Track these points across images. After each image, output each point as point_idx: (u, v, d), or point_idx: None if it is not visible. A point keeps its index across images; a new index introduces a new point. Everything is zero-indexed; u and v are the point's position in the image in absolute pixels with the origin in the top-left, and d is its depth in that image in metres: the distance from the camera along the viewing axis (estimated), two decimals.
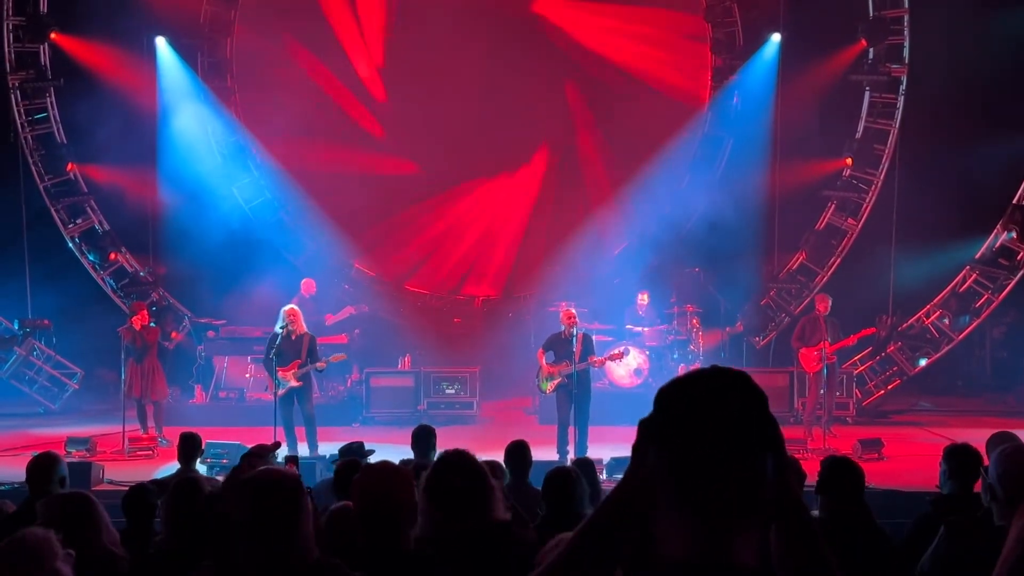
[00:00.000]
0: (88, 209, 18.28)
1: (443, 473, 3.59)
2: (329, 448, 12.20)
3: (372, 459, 7.78)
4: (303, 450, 12.44)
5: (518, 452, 7.25)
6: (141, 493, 5.69)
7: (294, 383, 12.69)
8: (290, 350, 12.74)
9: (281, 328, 12.71)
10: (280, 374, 12.67)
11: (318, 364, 12.80)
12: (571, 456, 11.89)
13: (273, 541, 2.92)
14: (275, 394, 12.76)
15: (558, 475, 5.56)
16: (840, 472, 5.14)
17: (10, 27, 17.58)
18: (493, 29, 18.40)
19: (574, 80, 19.56)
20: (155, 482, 6.77)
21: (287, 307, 13.01)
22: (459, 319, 19.69)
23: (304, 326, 12.97)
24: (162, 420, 14.36)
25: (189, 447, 8.12)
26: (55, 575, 2.85)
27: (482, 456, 7.05)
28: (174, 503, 4.96)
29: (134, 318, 14.23)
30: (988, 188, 17.38)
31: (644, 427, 1.91)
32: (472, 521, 3.54)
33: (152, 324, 14.79)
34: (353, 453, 7.96)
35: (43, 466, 5.72)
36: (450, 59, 18.30)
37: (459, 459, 3.73)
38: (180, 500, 4.95)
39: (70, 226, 18.19)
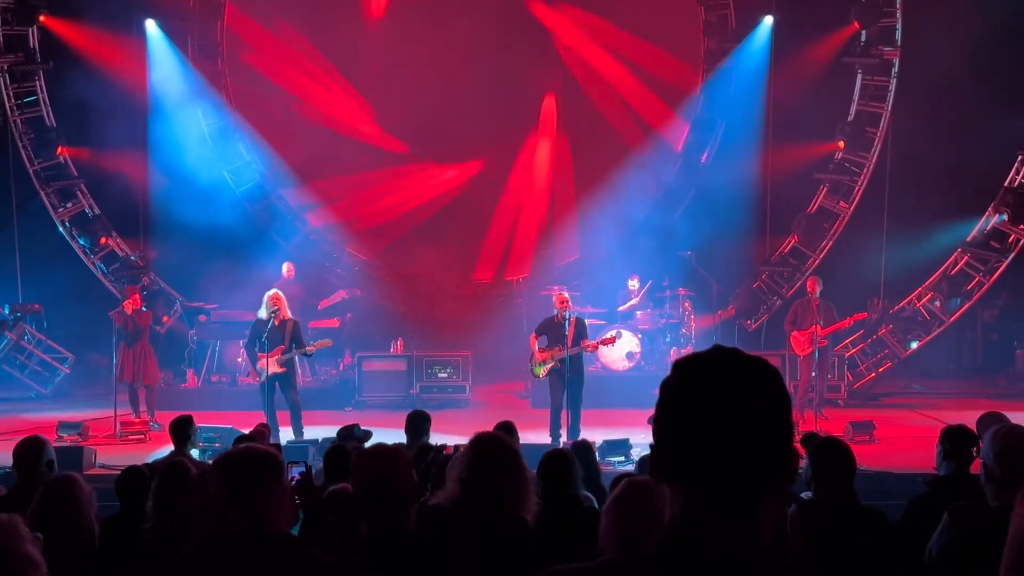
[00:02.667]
0: (78, 193, 18.20)
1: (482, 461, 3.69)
2: (316, 432, 12.19)
3: (369, 442, 7.81)
4: (288, 435, 12.37)
5: (505, 433, 7.26)
6: (136, 475, 5.69)
7: (276, 369, 12.61)
8: (274, 336, 12.63)
9: (267, 314, 12.64)
10: (262, 360, 12.60)
11: (307, 349, 12.72)
12: (564, 440, 11.93)
13: (243, 516, 2.93)
14: (260, 380, 12.71)
15: (554, 457, 5.56)
16: (831, 454, 5.12)
17: None
18: (485, 14, 18.31)
19: (566, 66, 19.53)
20: (148, 466, 6.77)
21: (271, 292, 12.86)
22: (452, 303, 19.66)
23: (288, 311, 12.87)
24: (154, 404, 14.31)
25: (182, 431, 8.09)
26: (25, 559, 2.82)
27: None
28: (161, 486, 5.03)
29: (126, 302, 14.20)
30: (979, 171, 17.41)
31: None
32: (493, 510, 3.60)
33: (144, 308, 14.75)
34: (351, 436, 7.96)
35: (30, 450, 5.70)
36: (444, 41, 18.17)
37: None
38: (168, 483, 5.02)
39: (60, 210, 18.10)
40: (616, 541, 3.24)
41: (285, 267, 16.59)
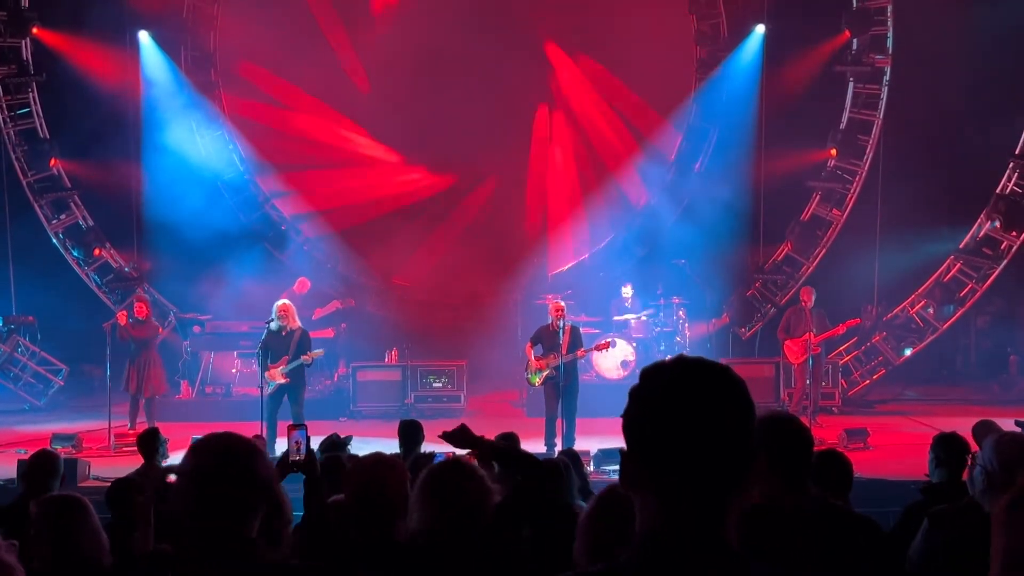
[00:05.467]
0: (72, 205, 18.17)
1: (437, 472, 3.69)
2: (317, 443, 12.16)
3: (350, 445, 7.81)
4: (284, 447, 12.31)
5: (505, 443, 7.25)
6: (125, 487, 5.69)
7: (281, 379, 12.63)
8: (280, 346, 12.68)
9: (274, 324, 12.68)
10: (270, 370, 12.63)
11: (302, 358, 12.72)
12: (558, 448, 11.92)
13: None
14: (263, 389, 12.70)
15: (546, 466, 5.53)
16: (830, 463, 5.13)
17: None
18: (478, 24, 18.31)
19: (559, 75, 19.57)
20: (132, 477, 6.79)
21: (280, 302, 12.95)
22: (446, 312, 19.64)
23: (297, 321, 12.93)
24: (155, 416, 14.26)
25: (149, 444, 8.02)
26: (1, 565, 2.80)
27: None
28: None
29: (120, 313, 14.22)
30: (972, 178, 17.46)
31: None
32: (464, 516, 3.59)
33: (143, 319, 14.64)
34: (333, 445, 7.94)
35: (42, 465, 5.69)
36: (437, 51, 18.14)
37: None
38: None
39: (54, 222, 18.06)
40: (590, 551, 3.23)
41: (298, 282, 16.70)
